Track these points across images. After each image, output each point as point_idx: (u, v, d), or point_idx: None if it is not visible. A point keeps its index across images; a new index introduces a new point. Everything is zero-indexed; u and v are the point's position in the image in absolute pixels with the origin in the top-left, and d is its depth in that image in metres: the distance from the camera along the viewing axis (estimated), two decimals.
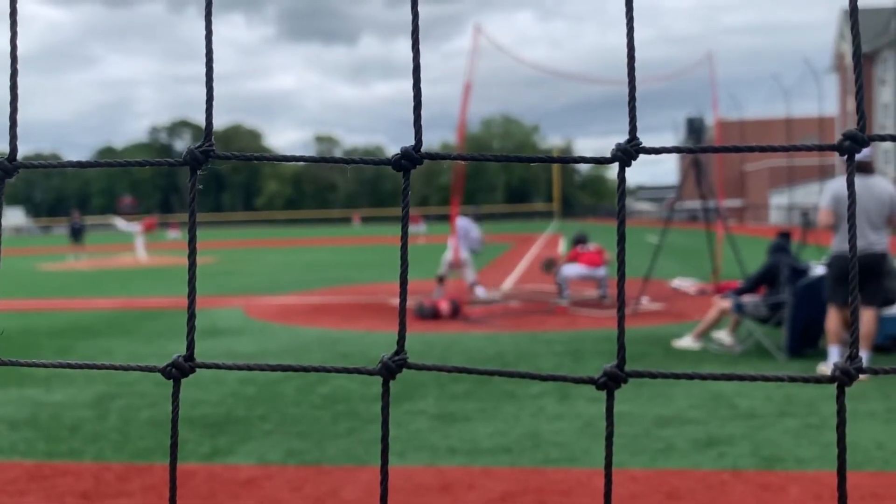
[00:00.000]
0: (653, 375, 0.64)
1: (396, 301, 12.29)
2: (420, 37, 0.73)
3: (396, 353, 0.64)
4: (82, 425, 5.83)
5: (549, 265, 13.69)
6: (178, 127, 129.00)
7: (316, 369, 0.67)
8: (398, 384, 4.41)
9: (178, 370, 0.68)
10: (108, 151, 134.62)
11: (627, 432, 5.28)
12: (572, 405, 6.03)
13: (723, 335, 8.49)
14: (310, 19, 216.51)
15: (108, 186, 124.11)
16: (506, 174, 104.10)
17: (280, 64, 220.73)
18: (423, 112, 0.70)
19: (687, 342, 8.53)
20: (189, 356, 0.67)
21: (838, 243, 7.15)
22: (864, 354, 7.08)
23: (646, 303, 12.20)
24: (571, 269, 13.35)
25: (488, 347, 8.81)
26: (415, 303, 11.31)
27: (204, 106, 0.71)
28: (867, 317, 7.19)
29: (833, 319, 7.20)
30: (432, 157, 0.67)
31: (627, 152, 0.63)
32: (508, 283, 16.32)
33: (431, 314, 10.99)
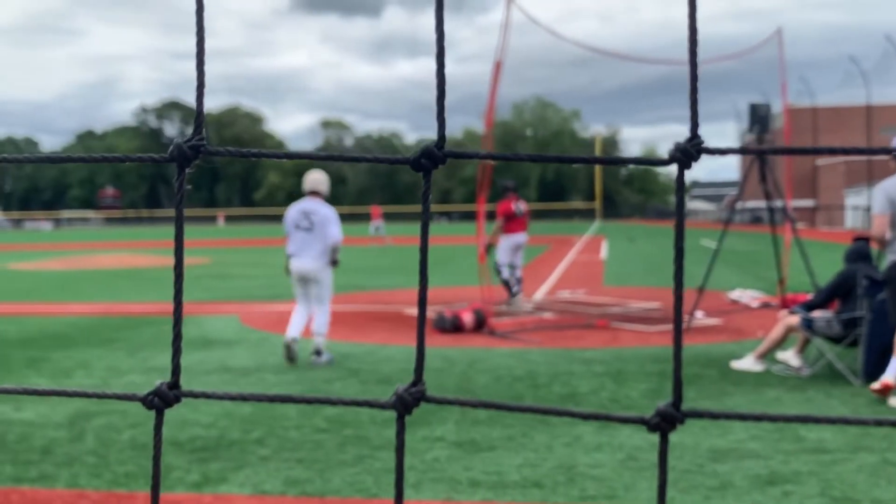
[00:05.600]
0: (714, 416, 0.62)
1: (413, 311, 12.31)
2: (451, 9, 0.72)
3: (414, 383, 0.63)
4: (55, 447, 5.88)
5: (489, 249, 13.77)
6: (167, 109, 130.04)
7: (320, 401, 0.66)
8: None
9: (162, 399, 0.67)
10: (89, 135, 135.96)
11: (677, 466, 5.24)
12: (613, 434, 6.00)
13: (789, 356, 8.41)
14: None
15: (88, 176, 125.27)
16: (539, 167, 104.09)
17: (291, 39, 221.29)
18: (450, 95, 0.69)
19: (748, 363, 8.47)
20: (174, 383, 0.67)
21: None
22: None
23: (701, 317, 12.13)
24: (506, 247, 13.71)
25: (517, 366, 8.79)
26: (434, 314, 11.31)
27: (195, 88, 0.71)
28: None
29: None
30: (457, 155, 0.66)
31: (687, 153, 0.61)
32: (542, 292, 16.29)
33: (453, 326, 10.99)
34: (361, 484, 5.05)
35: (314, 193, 9.22)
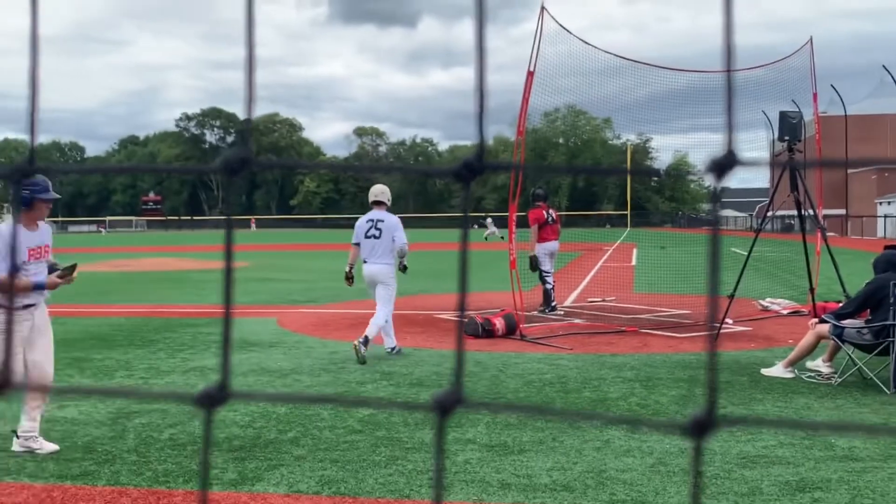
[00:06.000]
0: (748, 424, 0.62)
1: (445, 315, 12.29)
2: (485, 22, 0.72)
3: (452, 388, 0.64)
4: (97, 445, 5.95)
5: (534, 264, 13.64)
6: (208, 116, 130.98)
7: (362, 403, 0.67)
8: None
9: (213, 399, 0.68)
10: (131, 141, 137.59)
11: (706, 471, 5.20)
12: (643, 439, 5.96)
13: (819, 364, 8.31)
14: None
15: (130, 181, 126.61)
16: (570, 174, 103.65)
17: (329, 49, 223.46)
18: (483, 103, 0.69)
19: (777, 371, 8.38)
20: (224, 384, 0.68)
21: None
22: None
23: (731, 324, 12.02)
24: (539, 255, 13.71)
25: (548, 371, 8.76)
26: (466, 318, 11.30)
27: (242, 102, 0.72)
28: None
29: None
30: (497, 167, 0.66)
31: (721, 166, 0.62)
32: (573, 298, 16.23)
33: (484, 331, 10.99)
34: (394, 484, 5.06)
35: (378, 203, 9.95)
